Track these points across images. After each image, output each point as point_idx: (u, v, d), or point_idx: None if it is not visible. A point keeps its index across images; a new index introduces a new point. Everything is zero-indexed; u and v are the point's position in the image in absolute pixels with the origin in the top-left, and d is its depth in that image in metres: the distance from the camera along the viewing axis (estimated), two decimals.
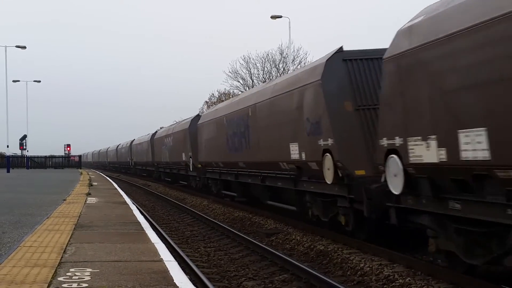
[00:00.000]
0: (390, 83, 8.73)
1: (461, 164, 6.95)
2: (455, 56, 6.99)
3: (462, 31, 6.82)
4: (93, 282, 5.93)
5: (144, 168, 49.64)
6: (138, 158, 50.99)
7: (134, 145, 54.14)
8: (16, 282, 5.87)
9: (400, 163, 8.26)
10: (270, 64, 53.97)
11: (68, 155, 76.03)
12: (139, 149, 50.07)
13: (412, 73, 8.01)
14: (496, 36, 6.25)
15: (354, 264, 9.64)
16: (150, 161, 43.44)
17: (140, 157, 49.87)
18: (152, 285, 5.81)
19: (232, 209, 19.68)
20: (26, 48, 50.03)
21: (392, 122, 8.55)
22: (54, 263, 6.97)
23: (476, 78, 6.60)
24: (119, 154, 68.73)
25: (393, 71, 8.56)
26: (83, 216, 12.49)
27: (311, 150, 12.00)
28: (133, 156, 54.69)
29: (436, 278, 8.21)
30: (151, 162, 43.13)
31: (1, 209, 14.46)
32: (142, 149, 47.48)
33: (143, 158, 47.80)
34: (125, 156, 61.80)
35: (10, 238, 9.53)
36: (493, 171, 6.43)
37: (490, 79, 6.36)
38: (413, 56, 7.95)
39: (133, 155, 54.33)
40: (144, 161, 47.44)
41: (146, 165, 47.42)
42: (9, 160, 54.90)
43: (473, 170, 6.77)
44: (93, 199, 17.91)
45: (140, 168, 52.60)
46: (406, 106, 8.21)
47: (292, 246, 12.23)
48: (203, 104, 64.89)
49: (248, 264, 10.75)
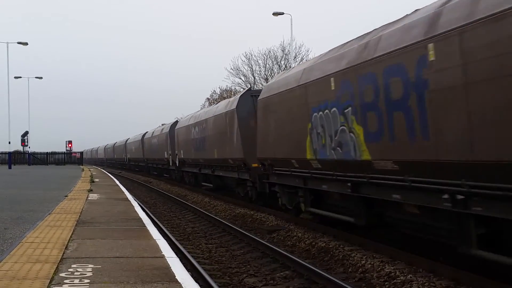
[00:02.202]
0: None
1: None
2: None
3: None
4: (95, 278, 5.94)
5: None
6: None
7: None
8: (18, 278, 5.88)
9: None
10: (272, 61, 53.98)
11: (69, 151, 76.18)
12: (132, 147, 56.19)
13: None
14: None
15: (355, 261, 9.65)
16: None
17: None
18: (154, 281, 5.82)
19: (234, 206, 19.70)
20: (28, 45, 50.01)
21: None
22: (56, 259, 6.98)
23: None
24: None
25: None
26: (85, 212, 12.51)
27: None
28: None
29: (438, 275, 8.22)
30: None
31: (3, 205, 14.48)
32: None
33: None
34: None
35: (12, 234, 9.54)
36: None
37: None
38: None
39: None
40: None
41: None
42: (10, 156, 54.95)
43: None
44: (95, 195, 17.92)
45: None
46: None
47: (293, 243, 12.24)
48: (204, 100, 65.03)
49: (250, 260, 10.76)
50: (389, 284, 8.23)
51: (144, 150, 47.71)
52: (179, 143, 31.38)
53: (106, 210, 13.23)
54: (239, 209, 18.58)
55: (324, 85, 11.26)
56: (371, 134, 9.47)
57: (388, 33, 9.14)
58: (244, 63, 56.15)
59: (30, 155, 66.69)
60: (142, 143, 48.43)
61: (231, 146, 19.97)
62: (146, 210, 17.46)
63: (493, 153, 6.62)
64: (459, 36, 7.00)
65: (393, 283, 8.19)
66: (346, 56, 10.51)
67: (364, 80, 9.54)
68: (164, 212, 20.01)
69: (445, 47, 7.28)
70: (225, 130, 20.79)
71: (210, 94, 64.29)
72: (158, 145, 39.91)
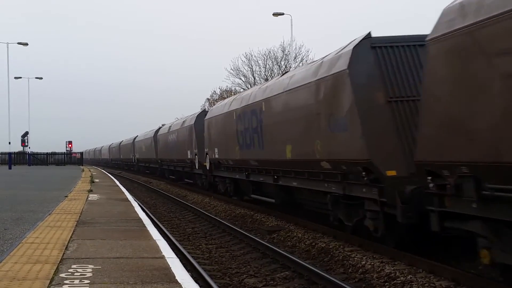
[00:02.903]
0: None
1: None
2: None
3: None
4: (95, 278, 5.94)
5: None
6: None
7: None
8: (18, 279, 5.88)
9: None
10: (272, 61, 53.96)
11: (69, 152, 76.14)
12: (141, 145, 50.13)
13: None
14: None
15: (355, 261, 9.64)
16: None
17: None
18: (154, 281, 5.82)
19: (234, 206, 19.69)
20: (28, 45, 50.03)
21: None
22: (56, 259, 6.98)
23: None
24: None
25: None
26: (85, 213, 12.50)
27: None
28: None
29: (438, 275, 8.21)
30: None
31: (3, 206, 14.48)
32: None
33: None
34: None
35: (12, 234, 9.54)
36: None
37: None
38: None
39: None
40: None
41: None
42: (11, 156, 54.95)
43: None
44: (95, 195, 17.92)
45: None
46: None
47: (293, 243, 12.24)
48: (204, 101, 65.03)
49: (250, 261, 10.76)
50: (389, 285, 8.22)
51: (158, 149, 40.46)
52: (212, 139, 23.17)
53: (106, 210, 13.22)
54: (239, 209, 18.57)
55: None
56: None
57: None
58: (244, 63, 56.07)
59: (30, 155, 66.69)
60: (155, 140, 41.20)
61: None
62: (146, 211, 17.45)
63: None
64: None
65: (393, 284, 8.19)
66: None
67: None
68: (164, 213, 20.00)
69: None
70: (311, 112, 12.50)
71: (210, 94, 64.33)
72: (177, 142, 32.02)
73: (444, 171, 7.41)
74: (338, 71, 10.47)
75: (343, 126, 10.38)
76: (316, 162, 11.80)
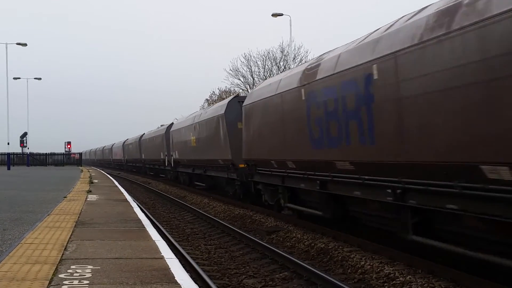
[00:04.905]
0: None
1: None
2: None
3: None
4: (94, 279, 5.93)
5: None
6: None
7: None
8: (17, 279, 5.88)
9: None
10: (271, 62, 54.01)
11: (68, 152, 76.10)
12: (130, 148, 58.37)
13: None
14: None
15: (354, 262, 9.65)
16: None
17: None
18: (153, 282, 5.81)
19: (233, 207, 19.70)
20: (27, 46, 49.99)
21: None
22: (55, 260, 6.98)
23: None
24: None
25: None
26: (84, 213, 12.50)
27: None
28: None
29: (437, 276, 8.22)
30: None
31: (2, 206, 14.47)
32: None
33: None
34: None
35: (11, 235, 9.53)
36: None
37: None
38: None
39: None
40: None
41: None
42: (9, 157, 54.91)
43: None
44: (94, 196, 17.92)
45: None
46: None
47: (292, 244, 12.24)
48: (204, 101, 65.05)
49: (249, 261, 10.76)
50: (388, 285, 8.22)
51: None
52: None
53: (105, 211, 13.22)
54: (238, 210, 18.58)
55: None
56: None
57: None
58: (243, 64, 56.13)
59: (29, 156, 66.65)
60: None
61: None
62: (145, 211, 17.44)
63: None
64: None
65: (392, 284, 8.19)
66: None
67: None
68: (163, 213, 20.00)
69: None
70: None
71: (209, 95, 64.37)
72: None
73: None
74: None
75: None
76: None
